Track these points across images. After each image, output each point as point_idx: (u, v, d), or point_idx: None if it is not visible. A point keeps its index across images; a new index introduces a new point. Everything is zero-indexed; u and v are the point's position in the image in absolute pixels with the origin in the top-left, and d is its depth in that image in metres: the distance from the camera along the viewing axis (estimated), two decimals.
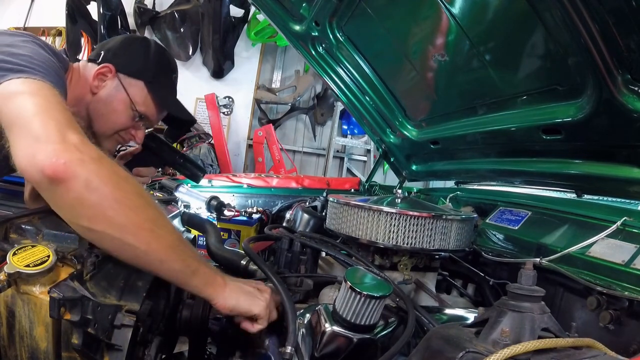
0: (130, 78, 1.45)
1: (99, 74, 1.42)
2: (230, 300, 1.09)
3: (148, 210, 0.97)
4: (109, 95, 1.44)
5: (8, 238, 0.95)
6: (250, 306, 1.12)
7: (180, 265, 1.01)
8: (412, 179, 2.55)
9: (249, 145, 6.20)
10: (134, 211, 0.93)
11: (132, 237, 0.93)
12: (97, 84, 1.42)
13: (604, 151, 1.42)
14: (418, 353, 0.85)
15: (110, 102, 1.44)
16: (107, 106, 1.44)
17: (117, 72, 1.44)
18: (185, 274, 1.03)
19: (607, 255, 1.17)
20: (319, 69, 2.23)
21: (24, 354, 0.88)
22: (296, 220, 1.96)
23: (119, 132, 1.50)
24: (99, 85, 1.43)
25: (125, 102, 1.45)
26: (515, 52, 1.43)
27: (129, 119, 1.48)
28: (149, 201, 0.99)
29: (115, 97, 1.44)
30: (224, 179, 2.82)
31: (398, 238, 1.36)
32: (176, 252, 1.00)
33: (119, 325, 0.92)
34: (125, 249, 0.94)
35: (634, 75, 1.14)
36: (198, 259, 1.07)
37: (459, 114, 1.88)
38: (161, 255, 0.97)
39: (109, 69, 1.43)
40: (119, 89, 1.44)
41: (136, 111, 1.47)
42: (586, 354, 0.77)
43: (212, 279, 1.08)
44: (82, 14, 5.38)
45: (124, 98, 1.45)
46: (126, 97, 1.45)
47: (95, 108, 1.43)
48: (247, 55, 6.17)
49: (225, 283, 1.11)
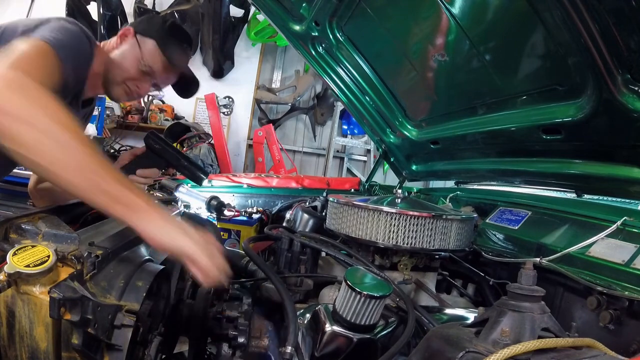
0: (144, 37, 1.68)
1: (121, 34, 1.68)
2: (161, 231, 1.00)
3: (59, 132, 0.95)
4: (124, 50, 1.68)
5: (8, 238, 0.95)
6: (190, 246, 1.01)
7: (88, 184, 0.96)
8: (412, 179, 2.55)
9: (249, 145, 6.20)
10: (43, 133, 0.95)
11: (33, 149, 0.95)
12: (118, 42, 1.68)
13: (604, 151, 1.42)
14: (418, 353, 0.85)
15: (125, 54, 1.67)
16: (120, 58, 1.67)
17: (136, 34, 1.68)
18: (95, 192, 0.96)
19: (607, 255, 1.17)
20: (319, 69, 2.23)
21: (24, 354, 0.87)
22: (296, 220, 1.96)
23: (126, 81, 1.69)
24: (120, 43, 1.68)
25: (136, 55, 1.67)
26: (515, 52, 1.43)
27: (137, 70, 1.68)
28: (66, 125, 0.97)
29: (129, 51, 1.67)
30: (224, 179, 2.82)
31: (398, 238, 1.36)
32: (86, 171, 0.96)
33: (119, 325, 0.92)
34: (31, 160, 0.95)
35: (634, 75, 1.14)
36: (124, 184, 0.99)
37: (459, 114, 1.88)
38: (68, 174, 0.95)
39: (129, 31, 1.69)
40: (134, 45, 1.67)
41: (145, 64, 1.67)
42: (586, 354, 0.77)
43: (134, 203, 0.98)
44: (82, 14, 5.37)
45: (137, 52, 1.67)
46: (138, 51, 1.67)
47: (111, 61, 1.67)
48: (247, 55, 6.17)
49: (153, 209, 1.00)
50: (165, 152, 1.66)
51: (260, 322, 1.33)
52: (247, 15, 5.72)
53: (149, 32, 1.69)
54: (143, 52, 1.66)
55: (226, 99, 5.83)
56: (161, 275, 1.18)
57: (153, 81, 1.73)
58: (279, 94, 6.17)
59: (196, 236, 1.05)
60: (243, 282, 1.45)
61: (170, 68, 1.72)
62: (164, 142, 1.66)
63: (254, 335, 1.29)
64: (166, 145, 1.67)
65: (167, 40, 1.71)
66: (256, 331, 1.30)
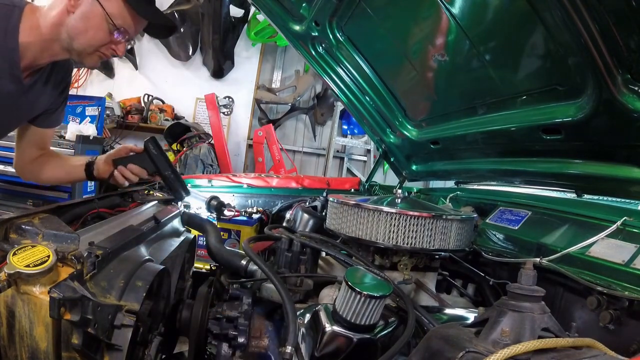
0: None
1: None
2: None
3: None
4: (85, 12, 1.46)
5: (8, 238, 0.95)
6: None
7: None
8: (412, 179, 2.55)
9: (249, 145, 6.20)
10: None
11: None
12: (73, 3, 1.45)
13: (604, 151, 1.42)
14: (418, 353, 0.85)
15: (87, 18, 1.46)
16: (84, 23, 1.46)
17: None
18: None
19: (607, 255, 1.17)
20: (319, 69, 2.23)
21: (24, 354, 0.88)
22: (296, 220, 1.95)
23: (99, 48, 1.52)
24: (75, 4, 1.45)
25: (101, 17, 1.46)
26: (515, 52, 1.43)
27: (107, 33, 1.49)
28: None
29: (91, 12, 1.46)
30: (224, 179, 2.82)
31: (398, 238, 1.36)
32: None
33: (119, 325, 0.92)
34: None
35: (634, 75, 1.14)
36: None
37: (459, 114, 1.88)
38: None
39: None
40: (94, 4, 1.45)
41: (112, 24, 1.48)
42: (586, 354, 0.77)
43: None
44: None
45: (100, 12, 1.46)
46: (102, 11, 1.46)
47: (73, 26, 1.47)
48: (247, 55, 6.17)
49: None
50: (158, 159, 1.71)
51: (260, 322, 1.33)
52: (247, 15, 5.72)
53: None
54: (107, 9, 1.46)
55: (226, 99, 5.83)
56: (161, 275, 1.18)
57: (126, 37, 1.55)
58: (279, 94, 6.16)
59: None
60: (243, 282, 1.45)
61: (140, 18, 1.55)
62: (160, 151, 1.72)
63: (253, 335, 1.29)
64: (162, 154, 1.72)
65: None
66: (256, 331, 1.30)
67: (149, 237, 1.36)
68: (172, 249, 1.45)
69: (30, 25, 1.45)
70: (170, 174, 1.74)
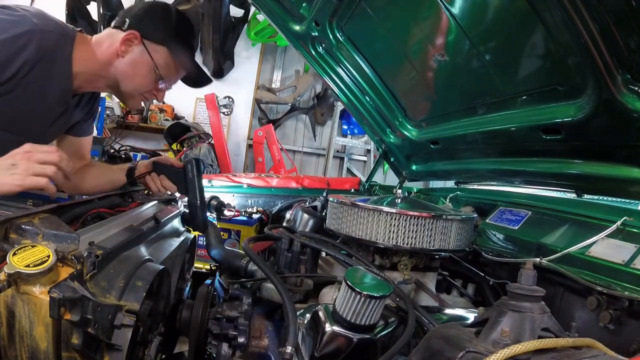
0: (154, 44, 1.58)
1: (125, 40, 1.55)
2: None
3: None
4: (135, 60, 1.58)
5: (8, 238, 0.95)
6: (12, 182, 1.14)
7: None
8: (412, 179, 2.55)
9: (249, 145, 6.20)
10: None
11: None
12: (124, 49, 1.56)
13: (604, 151, 1.42)
14: (418, 353, 0.85)
15: (136, 65, 1.58)
16: (133, 69, 1.59)
17: (143, 39, 1.57)
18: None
19: (607, 255, 1.17)
20: (319, 69, 2.22)
21: (24, 354, 0.88)
22: (296, 220, 1.95)
23: (143, 92, 1.66)
24: (125, 50, 1.56)
25: (149, 66, 1.59)
26: (515, 52, 1.43)
27: (152, 81, 1.63)
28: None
29: (140, 61, 1.58)
30: (224, 179, 2.82)
31: (398, 238, 1.36)
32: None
33: (119, 325, 0.92)
34: None
35: (634, 75, 1.14)
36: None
37: (459, 114, 1.88)
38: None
39: (134, 36, 1.56)
40: (144, 54, 1.58)
41: (158, 74, 1.61)
42: (586, 354, 0.77)
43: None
44: (82, 14, 5.38)
45: (149, 62, 1.58)
46: (150, 61, 1.58)
47: (122, 70, 1.59)
48: (247, 55, 6.18)
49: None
50: (190, 183, 1.69)
51: (260, 322, 1.33)
52: (247, 15, 5.72)
53: (157, 36, 1.58)
54: (156, 61, 1.58)
55: (226, 99, 5.84)
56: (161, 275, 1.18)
57: (168, 86, 1.70)
58: (279, 94, 6.17)
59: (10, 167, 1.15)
60: (243, 282, 1.45)
61: (183, 71, 1.70)
62: (198, 176, 1.69)
63: (253, 335, 1.29)
64: (198, 180, 1.69)
65: (178, 43, 1.63)
66: (256, 331, 1.30)
67: (149, 237, 1.36)
68: (172, 249, 1.45)
69: (82, 56, 1.53)
70: (196, 202, 1.70)
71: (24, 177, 1.16)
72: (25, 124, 1.53)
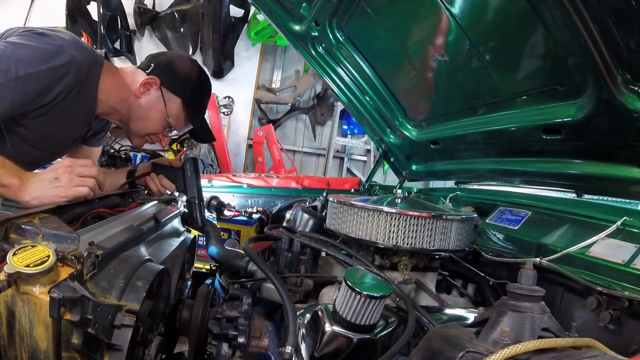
0: (170, 93, 1.66)
1: (145, 82, 1.63)
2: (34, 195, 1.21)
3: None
4: (150, 103, 1.65)
5: (8, 238, 0.95)
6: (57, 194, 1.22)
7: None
8: (412, 179, 2.55)
9: (249, 145, 6.20)
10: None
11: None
12: (142, 91, 1.64)
13: (604, 151, 1.42)
14: (418, 353, 0.85)
15: (149, 109, 1.66)
16: (145, 111, 1.66)
17: (161, 86, 1.65)
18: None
19: (607, 255, 1.17)
20: (319, 69, 2.22)
21: (24, 354, 0.88)
22: (296, 220, 1.95)
23: (149, 134, 1.73)
24: (143, 92, 1.64)
25: (161, 113, 1.67)
26: (515, 52, 1.43)
27: (161, 126, 1.71)
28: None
29: (154, 106, 1.66)
30: (224, 179, 2.82)
31: (398, 238, 1.36)
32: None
33: (119, 325, 0.92)
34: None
35: (634, 75, 1.14)
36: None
37: (459, 114, 1.88)
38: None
39: (154, 81, 1.64)
40: (159, 100, 1.66)
41: (168, 122, 1.69)
42: (586, 354, 0.77)
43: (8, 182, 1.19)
44: (82, 14, 5.37)
45: (162, 109, 1.66)
46: (164, 108, 1.66)
47: (135, 110, 1.65)
48: (247, 55, 6.17)
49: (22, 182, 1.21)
50: (189, 181, 1.75)
51: (260, 322, 1.33)
52: (247, 15, 5.72)
53: (176, 89, 1.67)
54: (168, 109, 1.66)
55: (226, 99, 5.83)
56: (161, 275, 1.18)
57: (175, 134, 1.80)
58: (279, 94, 6.16)
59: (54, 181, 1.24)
60: (243, 282, 1.45)
61: (189, 124, 1.77)
62: (195, 174, 1.76)
63: (253, 335, 1.29)
64: (196, 177, 1.76)
65: (193, 101, 1.72)
66: (256, 331, 1.30)
67: (149, 237, 1.36)
68: (172, 249, 1.45)
69: (106, 87, 1.59)
70: (194, 199, 1.75)
71: (67, 189, 1.25)
72: (52, 143, 1.61)
